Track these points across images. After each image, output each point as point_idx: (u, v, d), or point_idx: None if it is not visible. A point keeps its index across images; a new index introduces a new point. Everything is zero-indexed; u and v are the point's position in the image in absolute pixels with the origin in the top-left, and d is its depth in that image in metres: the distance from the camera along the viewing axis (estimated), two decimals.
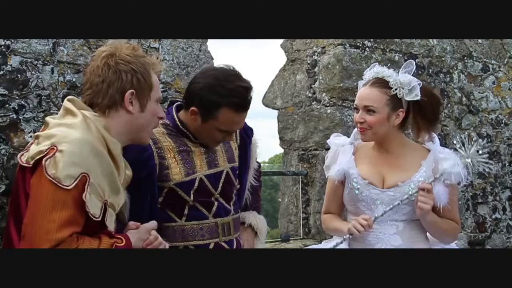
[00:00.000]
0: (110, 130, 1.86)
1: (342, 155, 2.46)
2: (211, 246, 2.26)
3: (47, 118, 1.88)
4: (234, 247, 2.33)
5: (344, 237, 2.30)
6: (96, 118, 1.85)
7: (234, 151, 2.42)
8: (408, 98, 2.33)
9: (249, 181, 2.51)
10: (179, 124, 2.26)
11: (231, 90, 2.15)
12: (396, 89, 2.32)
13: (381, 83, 2.35)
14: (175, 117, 2.28)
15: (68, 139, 1.74)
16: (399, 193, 2.29)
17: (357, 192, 2.37)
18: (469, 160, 2.30)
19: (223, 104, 2.15)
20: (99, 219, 1.76)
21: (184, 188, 2.22)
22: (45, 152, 1.72)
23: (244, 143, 2.49)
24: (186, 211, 2.24)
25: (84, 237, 1.73)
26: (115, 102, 1.88)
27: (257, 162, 2.59)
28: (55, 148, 1.71)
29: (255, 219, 2.52)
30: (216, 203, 2.29)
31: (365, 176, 2.38)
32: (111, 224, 1.84)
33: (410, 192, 2.28)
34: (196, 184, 2.24)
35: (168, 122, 2.27)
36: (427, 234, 2.42)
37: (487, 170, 2.33)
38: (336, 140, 2.54)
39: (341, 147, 2.49)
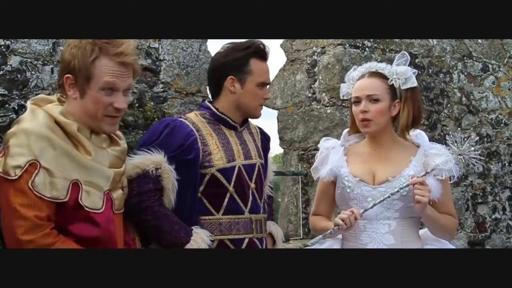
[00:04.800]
0: (68, 114, 1.88)
1: (333, 155, 2.46)
2: (245, 242, 2.32)
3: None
4: (264, 246, 2.40)
5: (333, 228, 2.25)
6: (51, 107, 1.88)
7: (260, 148, 2.50)
8: (405, 87, 2.36)
9: (266, 191, 2.55)
10: (215, 110, 2.37)
11: (249, 42, 2.38)
12: (392, 80, 2.36)
13: (377, 74, 2.39)
14: (211, 106, 2.39)
15: (14, 133, 1.80)
16: (390, 188, 2.29)
17: (348, 190, 2.36)
18: (461, 156, 2.29)
19: (250, 54, 2.35)
20: (66, 199, 1.79)
21: (225, 174, 2.30)
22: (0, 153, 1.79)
23: (265, 148, 2.56)
24: (225, 202, 2.29)
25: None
26: (59, 85, 1.93)
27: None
28: (6, 146, 1.78)
29: (275, 227, 2.59)
30: (251, 197, 2.35)
31: (356, 174, 2.37)
32: (94, 202, 1.86)
33: (400, 185, 2.27)
34: (236, 171, 2.32)
35: (205, 112, 2.39)
36: (420, 233, 2.43)
37: (478, 167, 2.32)
38: (326, 143, 2.53)
39: (331, 149, 2.49)
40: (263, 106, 2.54)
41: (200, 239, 2.18)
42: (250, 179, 2.37)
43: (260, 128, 2.61)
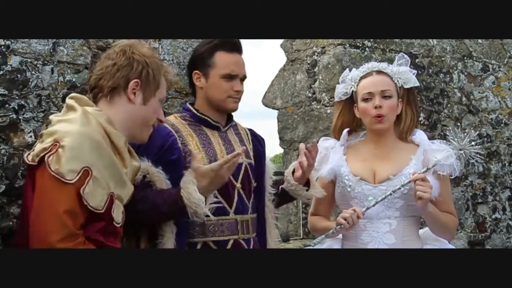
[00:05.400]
0: (113, 122, 1.88)
1: (333, 154, 2.46)
2: (230, 243, 2.27)
3: (51, 117, 1.91)
4: (252, 246, 2.34)
5: (335, 227, 2.25)
6: (97, 113, 1.87)
7: (248, 149, 2.45)
8: (407, 86, 2.39)
9: (266, 193, 2.48)
10: (195, 112, 2.35)
11: (218, 39, 2.36)
12: (394, 79, 2.39)
13: (384, 72, 2.40)
14: (191, 107, 2.38)
15: (69, 133, 1.75)
16: (391, 187, 2.29)
17: (349, 189, 2.36)
18: (461, 151, 2.29)
19: (215, 48, 2.34)
20: (102, 211, 1.76)
21: None
22: (49, 149, 1.74)
23: (257, 150, 2.50)
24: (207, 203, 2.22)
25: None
26: (118, 86, 1.92)
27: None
28: (57, 144, 1.73)
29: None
30: (236, 198, 2.30)
31: (356, 172, 2.37)
32: (118, 216, 1.85)
33: (402, 183, 2.27)
34: None
35: (186, 114, 2.37)
36: (420, 232, 2.43)
37: (479, 163, 2.33)
38: (325, 143, 2.53)
39: (331, 149, 2.48)
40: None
41: (188, 194, 2.04)
42: (235, 179, 2.31)
43: (251, 130, 2.56)
